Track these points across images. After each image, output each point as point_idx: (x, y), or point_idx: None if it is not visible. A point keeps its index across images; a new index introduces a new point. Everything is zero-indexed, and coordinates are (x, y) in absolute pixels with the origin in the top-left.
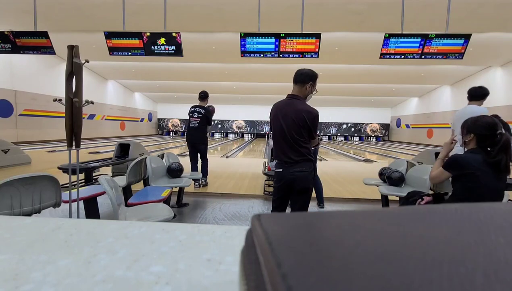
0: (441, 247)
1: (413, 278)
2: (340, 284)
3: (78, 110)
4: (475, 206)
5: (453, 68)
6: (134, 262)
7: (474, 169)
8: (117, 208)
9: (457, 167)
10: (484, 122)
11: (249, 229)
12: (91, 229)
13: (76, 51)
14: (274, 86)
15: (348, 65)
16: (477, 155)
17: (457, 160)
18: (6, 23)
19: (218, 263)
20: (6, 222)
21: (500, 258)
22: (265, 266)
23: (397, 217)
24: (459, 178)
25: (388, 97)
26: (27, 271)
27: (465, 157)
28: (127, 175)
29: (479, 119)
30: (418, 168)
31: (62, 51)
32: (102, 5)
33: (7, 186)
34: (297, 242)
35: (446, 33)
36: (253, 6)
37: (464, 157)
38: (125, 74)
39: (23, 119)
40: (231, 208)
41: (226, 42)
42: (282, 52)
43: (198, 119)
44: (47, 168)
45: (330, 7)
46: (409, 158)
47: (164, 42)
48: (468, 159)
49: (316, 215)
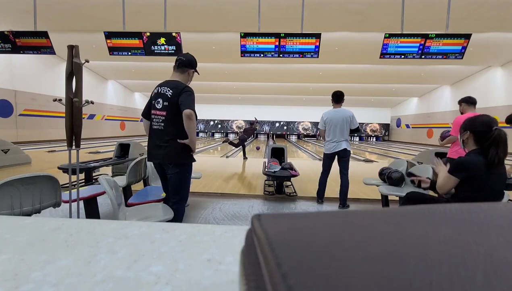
0: (441, 247)
1: (413, 278)
2: (340, 284)
3: (78, 110)
4: (475, 206)
5: (453, 68)
6: (134, 262)
7: (480, 171)
8: (117, 208)
9: (464, 170)
10: (480, 120)
11: (249, 229)
12: (91, 229)
13: (76, 51)
14: (274, 86)
15: (348, 65)
16: (479, 156)
17: (463, 163)
18: (6, 23)
19: (218, 263)
20: (6, 222)
21: (500, 258)
22: (265, 266)
23: (397, 217)
24: (464, 181)
25: (388, 97)
26: (27, 271)
27: (470, 159)
28: (127, 175)
29: (476, 117)
30: (418, 168)
31: (62, 51)
32: (102, 5)
33: (7, 186)
34: (297, 242)
35: (446, 33)
36: (253, 6)
37: (469, 159)
38: (125, 74)
39: (23, 119)
40: (231, 208)
41: (226, 42)
42: (282, 52)
43: None
44: (47, 168)
45: (330, 7)
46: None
47: (164, 42)
48: (474, 161)
49: (316, 215)
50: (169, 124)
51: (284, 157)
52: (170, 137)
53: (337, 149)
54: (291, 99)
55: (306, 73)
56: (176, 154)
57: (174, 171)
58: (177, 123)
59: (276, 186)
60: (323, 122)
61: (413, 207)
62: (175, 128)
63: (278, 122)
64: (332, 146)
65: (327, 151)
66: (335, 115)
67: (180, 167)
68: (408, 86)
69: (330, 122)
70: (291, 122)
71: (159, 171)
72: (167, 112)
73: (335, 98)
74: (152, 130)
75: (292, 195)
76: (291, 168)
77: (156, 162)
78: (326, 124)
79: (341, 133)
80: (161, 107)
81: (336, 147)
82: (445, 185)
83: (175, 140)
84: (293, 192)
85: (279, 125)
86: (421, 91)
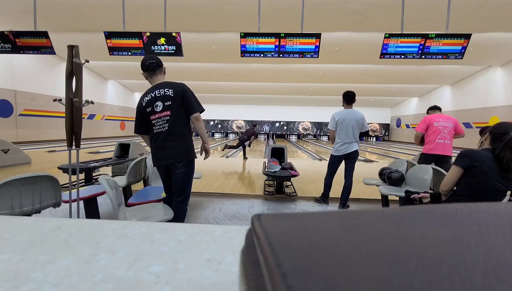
0: (441, 247)
1: (413, 278)
2: (340, 284)
3: (78, 110)
4: (475, 206)
5: (453, 68)
6: (134, 262)
7: (483, 163)
8: (117, 208)
9: (466, 157)
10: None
11: (249, 229)
12: (91, 229)
13: (76, 51)
14: (274, 86)
15: (348, 65)
16: (488, 152)
17: (466, 152)
18: (6, 23)
19: (218, 263)
20: (6, 222)
21: (500, 258)
22: (265, 266)
23: (397, 217)
24: (465, 173)
25: (388, 97)
26: (27, 271)
27: (475, 151)
28: (127, 174)
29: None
30: (418, 168)
31: (62, 51)
32: (102, 5)
33: (7, 186)
34: (297, 242)
35: (446, 33)
36: (253, 6)
37: (475, 150)
38: (125, 74)
39: (23, 119)
40: (231, 208)
41: (226, 42)
42: (282, 52)
43: None
44: (47, 168)
45: (330, 7)
46: (409, 158)
47: (164, 42)
48: (479, 152)
49: (316, 215)
50: (174, 123)
51: (284, 157)
52: (177, 136)
53: (349, 150)
54: (291, 99)
55: (306, 73)
56: (186, 151)
57: (182, 169)
58: (181, 120)
59: (276, 186)
60: (335, 123)
61: (413, 207)
62: (180, 126)
63: (278, 122)
64: (344, 148)
65: (338, 152)
66: (348, 116)
67: (189, 164)
68: (408, 86)
69: (343, 123)
70: (291, 122)
71: (163, 172)
72: (171, 111)
73: (346, 99)
74: (155, 135)
75: (292, 195)
76: (291, 168)
77: (165, 163)
78: (338, 125)
79: (353, 135)
80: (163, 108)
81: (348, 148)
82: (448, 178)
83: (183, 137)
84: (293, 192)
85: (279, 125)
86: (421, 91)
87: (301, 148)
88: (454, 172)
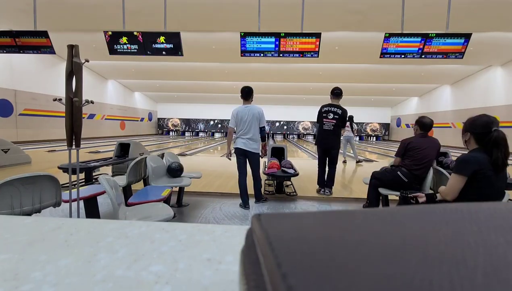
0: (441, 247)
1: (413, 278)
2: (340, 284)
3: (78, 110)
4: (475, 206)
5: (453, 67)
6: (134, 261)
7: (486, 167)
8: (117, 208)
9: (470, 164)
10: (479, 121)
11: (249, 229)
12: (91, 229)
13: (76, 51)
14: (274, 86)
15: (348, 65)
16: (482, 154)
17: (467, 158)
18: (6, 23)
19: (218, 262)
20: (6, 221)
21: (500, 258)
22: (265, 266)
23: (397, 217)
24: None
25: (388, 97)
26: (27, 271)
27: (474, 155)
28: (127, 174)
29: (476, 118)
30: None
31: (62, 51)
32: (102, 5)
33: (7, 186)
34: (297, 241)
35: (446, 33)
36: (253, 5)
37: (474, 155)
38: (125, 74)
39: (23, 119)
40: (231, 207)
41: (226, 42)
42: (282, 52)
43: (333, 121)
44: (47, 168)
45: (330, 7)
46: None
47: (163, 41)
48: (478, 156)
49: (316, 214)
50: None
51: (284, 157)
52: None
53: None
54: (291, 99)
55: (306, 73)
56: None
57: None
58: None
59: (276, 185)
60: None
61: (413, 206)
62: None
63: (278, 122)
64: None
65: None
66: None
67: None
68: (408, 86)
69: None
70: (291, 122)
71: None
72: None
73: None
74: None
75: (292, 194)
76: (291, 167)
77: None
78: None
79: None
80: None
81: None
82: (450, 188)
83: None
84: (293, 192)
85: (279, 125)
86: (421, 91)
87: (301, 147)
88: (458, 181)
